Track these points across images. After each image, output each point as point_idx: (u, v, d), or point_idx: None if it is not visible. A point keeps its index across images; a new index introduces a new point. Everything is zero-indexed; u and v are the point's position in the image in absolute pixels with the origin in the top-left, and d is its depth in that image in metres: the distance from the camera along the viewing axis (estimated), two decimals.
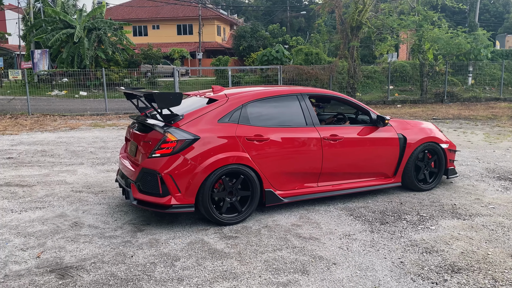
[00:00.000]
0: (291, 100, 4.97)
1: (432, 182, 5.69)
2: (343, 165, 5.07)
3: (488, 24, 48.14)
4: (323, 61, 24.86)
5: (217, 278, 3.34)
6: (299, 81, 18.85)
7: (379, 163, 5.32)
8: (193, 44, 42.31)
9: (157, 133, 4.34)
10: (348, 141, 5.04)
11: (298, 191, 4.82)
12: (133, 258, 3.71)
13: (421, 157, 5.58)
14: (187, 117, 4.41)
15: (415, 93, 21.19)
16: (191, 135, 4.25)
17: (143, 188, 4.32)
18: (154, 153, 4.24)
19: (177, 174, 4.17)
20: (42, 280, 3.32)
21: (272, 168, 4.59)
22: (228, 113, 4.53)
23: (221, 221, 4.36)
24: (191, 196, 4.23)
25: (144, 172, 4.28)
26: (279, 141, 4.65)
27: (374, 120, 5.31)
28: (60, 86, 24.77)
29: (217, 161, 4.26)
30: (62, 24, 27.34)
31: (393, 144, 5.36)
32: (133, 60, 29.76)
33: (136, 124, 4.97)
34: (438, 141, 5.67)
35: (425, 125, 5.84)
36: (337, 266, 3.53)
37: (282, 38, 40.39)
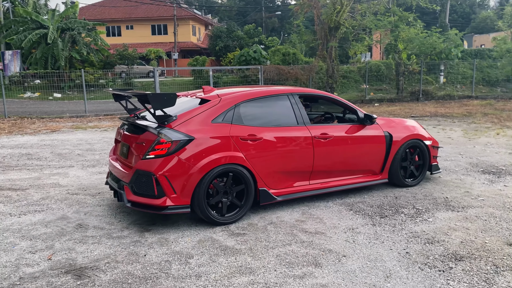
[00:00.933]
0: (282, 100, 5.05)
1: (417, 178, 5.88)
2: (334, 163, 5.19)
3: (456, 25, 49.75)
4: (300, 61, 25.16)
5: (234, 273, 3.42)
6: (279, 81, 19.05)
7: (367, 160, 5.47)
8: (168, 44, 41.96)
9: (151, 134, 4.31)
10: (337, 140, 5.17)
11: (291, 189, 4.90)
12: (146, 257, 3.75)
13: (406, 153, 5.75)
14: (181, 118, 4.40)
15: (390, 92, 21.76)
16: (186, 135, 4.25)
17: (137, 190, 4.30)
18: (148, 155, 4.21)
19: (172, 175, 4.16)
20: (60, 281, 3.32)
21: (266, 167, 4.65)
22: (222, 113, 4.55)
23: (216, 221, 4.38)
24: (186, 196, 4.23)
25: (139, 174, 4.25)
26: (272, 141, 4.71)
27: (362, 118, 5.44)
28: (32, 88, 24.12)
29: (212, 161, 4.28)
30: (34, 24, 26.67)
31: (380, 141, 5.51)
32: (108, 61, 29.30)
33: (126, 126, 4.90)
34: (422, 138, 5.86)
35: (409, 123, 6.02)
36: (347, 258, 3.67)
37: (258, 38, 40.57)
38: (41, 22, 26.40)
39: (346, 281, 3.29)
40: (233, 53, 37.09)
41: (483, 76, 23.73)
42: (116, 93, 5.01)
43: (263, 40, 40.11)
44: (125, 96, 5.02)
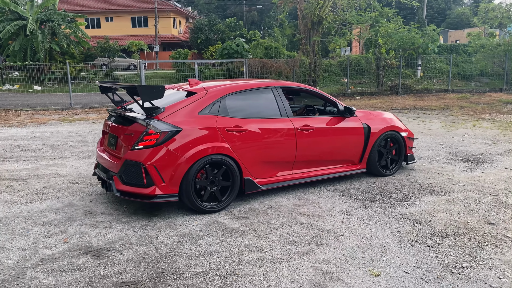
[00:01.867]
0: (266, 93, 5.23)
1: (393, 167, 6.15)
2: (315, 153, 5.40)
3: (432, 20, 50.95)
4: (282, 55, 25.46)
5: (243, 251, 3.71)
6: (263, 74, 19.31)
7: (347, 151, 5.71)
8: (149, 36, 41.61)
9: (139, 125, 4.44)
10: (319, 131, 5.38)
11: (274, 178, 5.10)
12: (158, 238, 4.00)
13: (383, 144, 6.01)
14: (168, 110, 4.53)
15: (370, 86, 22.32)
16: (174, 127, 4.39)
17: (127, 180, 4.44)
18: (137, 145, 4.35)
19: (161, 165, 4.30)
20: (80, 261, 3.54)
21: (250, 158, 4.83)
22: (208, 105, 4.71)
23: (203, 209, 4.54)
24: (175, 185, 4.38)
25: (128, 164, 4.39)
26: (257, 132, 4.89)
27: (342, 111, 5.66)
28: (11, 81, 23.71)
29: (199, 152, 4.43)
30: (12, 15, 26.10)
31: (359, 133, 5.75)
32: (89, 53, 28.95)
33: (114, 117, 5.01)
34: (399, 130, 6.12)
35: (387, 115, 6.27)
36: (345, 237, 4.01)
37: (239, 31, 40.66)
38: (20, 13, 25.85)
39: (346, 256, 3.62)
40: (215, 46, 37.14)
41: (458, 70, 24.56)
42: (103, 85, 5.10)
43: (245, 34, 40.23)
44: (112, 89, 5.12)
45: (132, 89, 4.35)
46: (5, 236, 4.07)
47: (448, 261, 3.51)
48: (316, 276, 3.29)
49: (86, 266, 3.45)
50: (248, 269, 3.40)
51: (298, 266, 3.44)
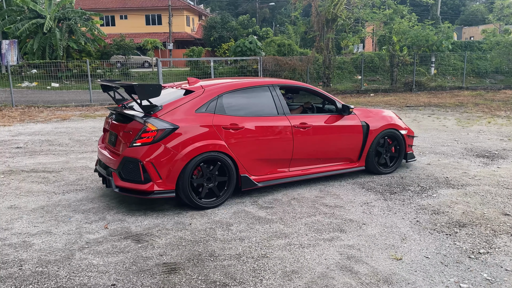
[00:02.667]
0: (263, 91, 5.29)
1: (392, 165, 6.17)
2: (312, 151, 5.44)
3: (446, 17, 50.54)
4: (295, 52, 25.63)
5: (272, 237, 3.98)
6: (277, 71, 19.54)
7: (345, 149, 5.73)
8: (162, 34, 42.04)
9: (137, 123, 4.54)
10: (316, 129, 5.42)
11: (271, 175, 5.16)
12: (191, 225, 4.28)
13: (382, 142, 6.03)
14: (166, 108, 4.63)
15: (383, 83, 22.39)
16: (171, 124, 4.49)
17: (125, 176, 4.55)
18: (135, 142, 4.45)
19: (158, 161, 4.41)
20: (122, 245, 3.84)
21: (247, 155, 4.90)
22: (205, 104, 4.79)
23: (200, 206, 4.63)
24: (171, 182, 4.47)
25: (126, 161, 4.50)
26: (253, 129, 4.95)
27: (340, 109, 5.70)
28: (29, 78, 24.29)
29: (195, 149, 4.52)
30: (31, 14, 26.66)
31: (357, 131, 5.77)
32: (105, 50, 29.44)
33: (114, 115, 5.11)
34: (398, 128, 6.12)
35: (386, 113, 6.25)
36: (367, 226, 4.25)
37: (252, 29, 40.88)
38: (38, 11, 26.41)
39: (369, 242, 3.86)
40: (228, 43, 37.40)
41: (472, 67, 24.48)
42: (104, 84, 5.21)
43: (257, 31, 40.44)
44: (113, 87, 5.23)
45: (130, 88, 4.43)
46: (49, 222, 4.39)
47: (466, 248, 3.73)
48: (342, 259, 3.54)
49: (129, 249, 3.75)
50: (278, 252, 3.66)
51: (325, 251, 3.69)
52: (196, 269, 3.38)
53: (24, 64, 25.03)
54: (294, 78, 20.52)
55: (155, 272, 3.34)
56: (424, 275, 3.28)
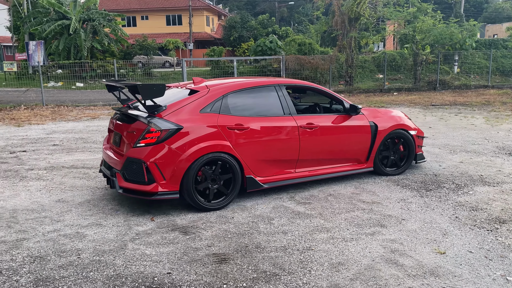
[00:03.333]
0: (269, 91, 5.22)
1: (402, 166, 6.03)
2: (319, 152, 5.35)
3: (468, 15, 49.71)
4: (316, 51, 25.62)
5: (314, 231, 4.09)
6: (299, 70, 19.59)
7: (353, 150, 5.63)
8: (183, 34, 42.48)
9: (141, 123, 4.50)
10: (323, 129, 5.33)
11: (277, 177, 5.08)
12: (234, 219, 4.42)
13: (390, 143, 5.93)
14: (170, 108, 4.59)
15: (405, 82, 22.19)
16: (175, 125, 4.43)
17: (129, 177, 4.50)
18: (139, 143, 4.42)
19: (161, 162, 4.36)
20: (171, 236, 4.00)
21: (252, 156, 4.83)
22: (210, 104, 4.73)
23: (204, 207, 4.58)
24: (175, 183, 4.42)
25: (130, 161, 4.46)
26: (259, 130, 4.89)
27: (348, 109, 5.59)
28: (55, 78, 24.89)
29: (200, 149, 4.47)
30: (57, 15, 27.30)
31: (365, 131, 5.66)
32: (128, 51, 29.95)
33: (119, 116, 5.07)
34: (407, 128, 6.00)
35: (395, 113, 6.16)
36: (407, 221, 4.32)
37: (272, 28, 40.97)
38: (64, 13, 27.03)
39: (410, 237, 3.94)
40: (247, 43, 37.63)
41: (497, 66, 24.08)
42: (109, 84, 5.15)
43: (277, 30, 40.51)
44: (118, 87, 5.16)
45: (134, 88, 4.43)
46: (98, 215, 4.59)
47: (508, 243, 3.77)
48: (386, 252, 3.62)
49: (178, 240, 3.90)
50: (322, 245, 3.77)
51: (368, 245, 3.78)
52: (245, 260, 3.51)
53: (53, 64, 25.64)
54: (315, 77, 20.56)
55: (207, 262, 3.48)
56: (470, 268, 3.35)
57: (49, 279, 3.22)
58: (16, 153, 7.74)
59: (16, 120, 12.04)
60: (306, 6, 57.43)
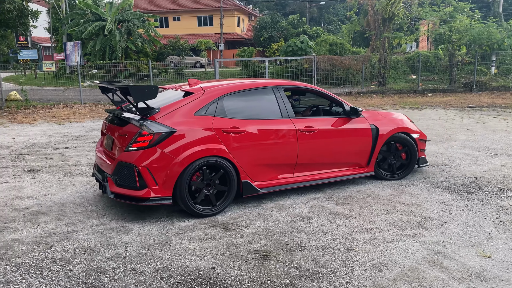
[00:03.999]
0: (267, 93, 5.07)
1: (404, 171, 5.85)
2: (318, 156, 5.21)
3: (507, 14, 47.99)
4: (347, 52, 25.40)
5: (354, 231, 4.09)
6: (331, 71, 19.48)
7: (353, 154, 5.47)
8: (213, 35, 42.92)
9: (133, 126, 4.37)
10: (322, 132, 5.17)
11: (274, 181, 4.93)
12: (273, 217, 4.48)
13: (392, 147, 5.76)
14: (163, 110, 4.45)
15: (440, 83, 21.67)
16: (168, 128, 4.29)
17: (120, 182, 4.36)
18: (131, 147, 4.27)
19: (154, 167, 4.22)
20: (213, 232, 4.09)
21: (248, 160, 4.68)
22: (205, 106, 4.59)
23: (198, 213, 4.43)
24: (168, 188, 4.28)
25: (121, 166, 4.32)
26: (255, 133, 4.73)
27: (348, 111, 5.44)
28: (90, 77, 25.66)
29: (194, 154, 4.32)
30: (93, 16, 28.13)
31: (366, 134, 5.50)
32: (161, 51, 30.53)
33: (112, 118, 4.96)
34: (409, 131, 5.82)
35: (397, 116, 5.98)
36: (448, 224, 4.26)
37: (302, 28, 40.85)
38: (100, 14, 27.83)
39: (453, 240, 3.89)
40: (277, 43, 37.65)
41: None
42: (102, 85, 4.93)
43: (307, 30, 40.36)
44: (112, 89, 4.94)
45: (125, 90, 4.29)
46: (141, 210, 4.73)
47: None
48: (428, 254, 3.59)
49: (220, 236, 3.99)
50: (363, 246, 3.78)
51: (410, 246, 3.76)
52: (287, 257, 3.56)
53: (89, 64, 26.46)
54: (347, 78, 20.39)
55: (249, 258, 3.55)
56: None
57: (100, 270, 3.36)
58: (59, 149, 8.06)
59: (56, 118, 12.51)
60: (336, 6, 56.93)
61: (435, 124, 10.64)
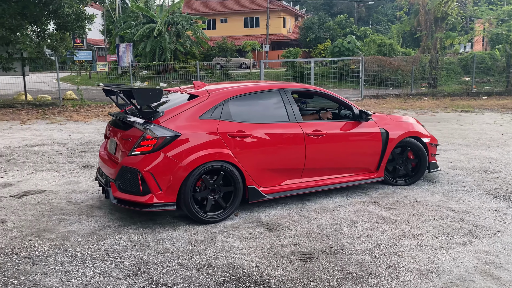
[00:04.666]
0: (274, 96, 4.95)
1: (414, 176, 5.68)
2: (326, 161, 5.07)
3: None
4: (396, 52, 24.73)
5: (400, 237, 4.01)
6: (379, 72, 19.06)
7: (362, 158, 5.33)
8: (259, 36, 43.19)
9: (137, 130, 4.27)
10: (331, 137, 5.04)
11: (281, 187, 4.80)
12: (317, 219, 4.47)
13: (402, 151, 5.61)
14: (168, 114, 4.35)
15: (496, 85, 20.59)
16: (172, 132, 4.19)
17: (123, 187, 4.27)
18: (134, 151, 4.17)
19: (158, 172, 4.12)
20: (257, 231, 4.15)
21: (254, 165, 4.57)
22: (210, 109, 4.48)
23: (203, 219, 4.30)
24: (172, 194, 4.17)
25: (124, 170, 4.23)
26: (262, 137, 4.61)
27: (357, 115, 5.29)
28: (141, 78, 26.61)
29: (198, 158, 4.21)
30: (145, 19, 29.17)
31: (375, 139, 5.35)
32: (208, 53, 31.13)
33: (115, 121, 4.88)
34: (420, 135, 5.65)
35: (406, 119, 5.84)
36: (502, 233, 4.07)
37: (350, 28, 40.24)
38: (151, 17, 28.81)
39: (507, 250, 3.71)
40: (324, 44, 37.32)
41: None
42: (106, 88, 4.86)
43: (355, 31, 39.72)
44: (116, 92, 4.77)
45: (128, 93, 4.23)
46: None
47: None
48: (479, 264, 3.46)
49: (263, 236, 4.04)
50: (410, 252, 3.69)
51: (459, 254, 3.63)
52: (330, 260, 3.55)
53: (141, 66, 27.47)
54: (396, 79, 19.86)
55: (292, 259, 3.57)
56: None
57: (149, 263, 3.51)
58: None
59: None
60: (386, 5, 55.58)
61: (489, 129, 10.16)
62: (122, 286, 3.16)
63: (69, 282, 3.23)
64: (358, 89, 18.64)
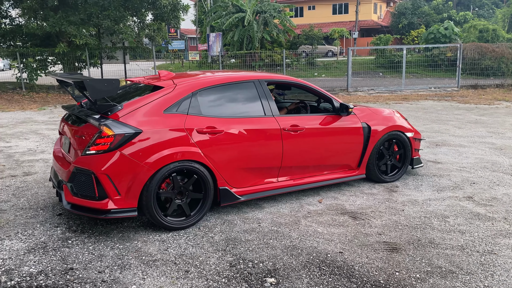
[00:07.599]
0: (248, 88, 4.53)
1: (397, 173, 5.40)
2: (305, 158, 4.72)
3: None
4: (501, 39, 22.59)
5: (497, 235, 3.76)
6: (479, 60, 17.57)
7: (343, 155, 5.01)
8: (348, 23, 42.02)
9: (92, 126, 3.78)
10: (309, 132, 4.67)
11: (256, 187, 4.43)
12: (404, 211, 4.35)
13: (386, 146, 5.29)
14: (127, 107, 3.86)
15: None
16: (132, 128, 3.71)
17: (77, 190, 3.76)
18: (88, 150, 3.69)
19: (115, 173, 3.64)
20: (341, 219, 4.17)
21: (227, 164, 4.17)
22: (176, 103, 4.02)
23: (169, 226, 3.87)
24: (133, 198, 3.71)
25: (77, 172, 3.73)
26: (235, 134, 4.21)
27: (337, 108, 4.92)
28: (228, 67, 27.44)
29: (163, 158, 3.76)
30: (234, 9, 29.92)
31: (357, 133, 5.03)
32: (294, 41, 31.11)
33: (69, 116, 4.39)
34: (403, 130, 5.34)
35: (389, 113, 5.46)
36: None
37: (447, 13, 37.49)
38: (240, 6, 29.45)
39: None
40: (417, 30, 35.28)
41: None
42: (59, 79, 4.29)
43: (453, 16, 36.91)
44: (70, 82, 4.19)
45: (80, 84, 3.69)
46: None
47: None
48: None
49: (348, 224, 4.05)
50: (507, 252, 3.46)
51: None
52: (418, 252, 3.46)
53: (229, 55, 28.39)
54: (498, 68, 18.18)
55: (377, 248, 3.54)
56: None
57: (237, 240, 3.71)
58: None
59: None
60: None
61: None
62: (212, 259, 3.40)
63: (166, 251, 3.54)
64: (454, 78, 17.40)
